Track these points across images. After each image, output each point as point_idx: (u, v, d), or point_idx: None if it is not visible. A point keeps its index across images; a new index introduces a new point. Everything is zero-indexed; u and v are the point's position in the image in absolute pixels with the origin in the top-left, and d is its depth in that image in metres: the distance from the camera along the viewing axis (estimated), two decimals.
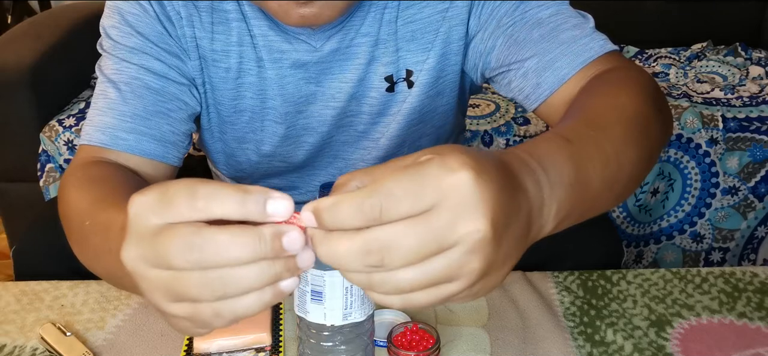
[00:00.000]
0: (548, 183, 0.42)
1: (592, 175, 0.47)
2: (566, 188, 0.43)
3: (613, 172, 0.49)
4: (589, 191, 0.47)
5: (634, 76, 0.63)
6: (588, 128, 0.51)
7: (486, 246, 0.35)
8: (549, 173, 0.42)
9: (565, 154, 0.45)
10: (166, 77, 0.73)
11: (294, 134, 0.81)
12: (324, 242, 0.36)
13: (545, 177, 0.42)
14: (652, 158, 0.58)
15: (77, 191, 0.62)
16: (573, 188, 0.44)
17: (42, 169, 1.58)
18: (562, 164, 0.44)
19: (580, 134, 0.50)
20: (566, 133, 0.49)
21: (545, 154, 0.44)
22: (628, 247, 1.63)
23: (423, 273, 0.35)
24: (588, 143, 0.49)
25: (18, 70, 1.51)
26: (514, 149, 0.43)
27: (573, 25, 0.70)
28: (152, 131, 0.72)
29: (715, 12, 2.03)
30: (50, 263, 0.81)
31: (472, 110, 1.63)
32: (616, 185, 0.50)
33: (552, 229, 0.43)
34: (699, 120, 1.52)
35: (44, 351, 0.70)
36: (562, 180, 0.43)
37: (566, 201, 0.43)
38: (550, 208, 0.42)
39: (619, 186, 0.51)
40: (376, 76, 0.78)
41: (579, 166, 0.45)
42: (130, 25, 0.72)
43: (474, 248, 0.35)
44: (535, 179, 0.41)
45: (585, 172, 0.46)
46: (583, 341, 0.70)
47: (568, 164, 0.44)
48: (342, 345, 0.55)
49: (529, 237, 0.41)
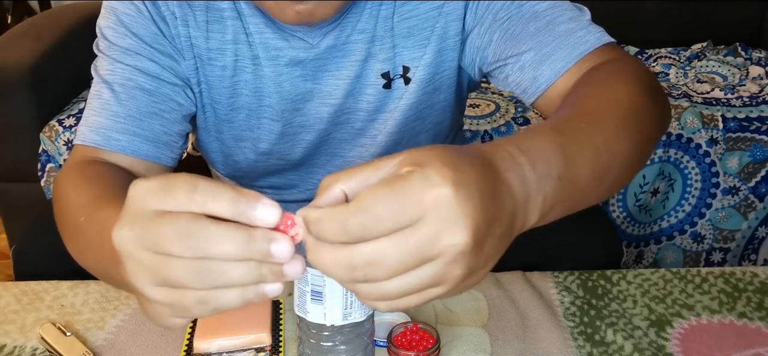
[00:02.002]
0: (535, 177, 0.42)
1: (581, 167, 0.47)
2: (554, 181, 0.44)
3: (604, 164, 0.49)
4: (578, 184, 0.47)
5: (629, 68, 0.63)
6: (580, 120, 0.51)
7: (467, 255, 0.36)
8: (536, 166, 0.43)
9: (554, 145, 0.45)
10: (160, 78, 0.74)
11: (291, 131, 0.81)
12: (313, 250, 0.38)
13: (532, 171, 0.42)
14: (646, 151, 0.58)
15: (73, 188, 0.63)
16: (561, 180, 0.44)
17: (42, 169, 1.58)
18: (551, 156, 0.44)
19: (571, 125, 0.50)
20: (557, 124, 0.49)
21: (534, 146, 0.44)
22: (628, 247, 1.63)
23: (407, 283, 0.37)
24: (579, 134, 0.49)
25: (18, 70, 1.51)
26: (503, 141, 0.43)
27: (569, 18, 0.70)
28: (145, 131, 0.72)
29: (715, 12, 2.03)
30: (50, 263, 0.81)
31: (472, 110, 1.63)
32: (606, 177, 0.50)
33: (537, 221, 0.44)
34: (699, 120, 1.52)
35: (44, 351, 0.70)
36: (550, 172, 0.44)
37: (553, 193, 0.44)
38: (535, 201, 0.42)
39: (610, 178, 0.51)
40: (373, 73, 0.78)
41: (568, 158, 0.45)
42: (125, 26, 0.73)
43: (456, 259, 0.36)
44: (521, 174, 0.42)
45: (574, 164, 0.46)
46: (583, 341, 0.70)
47: (556, 156, 0.45)
48: (342, 345, 0.55)
49: (513, 232, 0.42)
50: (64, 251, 0.62)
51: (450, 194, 0.35)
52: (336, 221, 0.36)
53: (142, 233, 0.37)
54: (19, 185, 1.63)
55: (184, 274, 0.37)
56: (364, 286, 0.37)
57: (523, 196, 0.41)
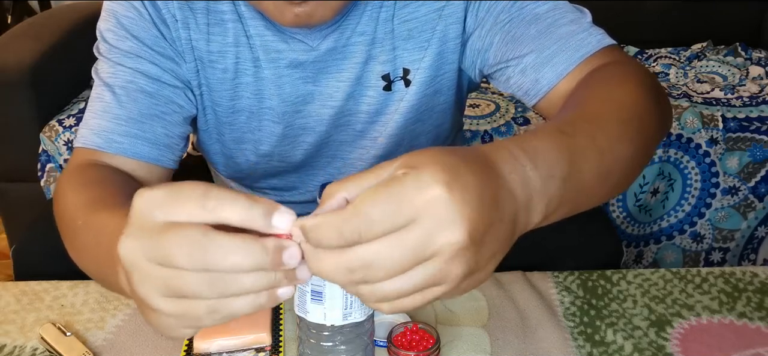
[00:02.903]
0: (538, 178, 0.42)
1: (585, 168, 0.47)
2: (557, 182, 0.44)
3: (608, 165, 0.50)
4: (582, 185, 0.47)
5: (631, 70, 0.64)
6: (583, 121, 0.51)
7: (465, 254, 0.36)
8: (539, 168, 0.43)
9: (558, 147, 0.45)
10: (161, 81, 0.74)
11: (292, 133, 0.81)
12: (312, 257, 0.38)
13: (535, 172, 0.42)
14: (649, 153, 0.58)
15: (72, 191, 0.63)
16: (565, 181, 0.44)
17: (42, 169, 1.58)
18: (555, 158, 0.44)
19: (574, 127, 0.50)
20: (560, 125, 0.49)
21: (537, 147, 0.44)
22: (628, 247, 1.63)
23: (406, 283, 0.37)
24: (583, 136, 0.49)
25: (18, 70, 1.51)
26: (505, 141, 0.43)
27: (570, 20, 0.70)
28: (146, 134, 0.72)
29: (715, 12, 2.03)
30: (50, 263, 0.81)
31: (472, 110, 1.63)
32: (609, 178, 0.50)
33: (540, 221, 0.44)
34: (699, 120, 1.52)
35: (44, 351, 0.70)
36: (553, 174, 0.44)
37: (557, 195, 0.44)
38: (538, 202, 0.42)
39: (613, 180, 0.51)
40: (373, 75, 0.78)
41: (572, 159, 0.45)
42: (125, 29, 0.73)
43: (453, 257, 0.36)
44: (523, 175, 0.42)
45: (578, 165, 0.46)
46: (583, 341, 0.70)
47: (561, 157, 0.45)
48: (342, 345, 0.55)
49: (516, 233, 0.42)
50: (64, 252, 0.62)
51: (443, 194, 0.35)
52: (332, 227, 0.36)
53: (149, 246, 0.37)
54: (19, 185, 1.63)
55: (196, 287, 0.36)
56: (364, 288, 0.37)
57: (525, 197, 0.41)
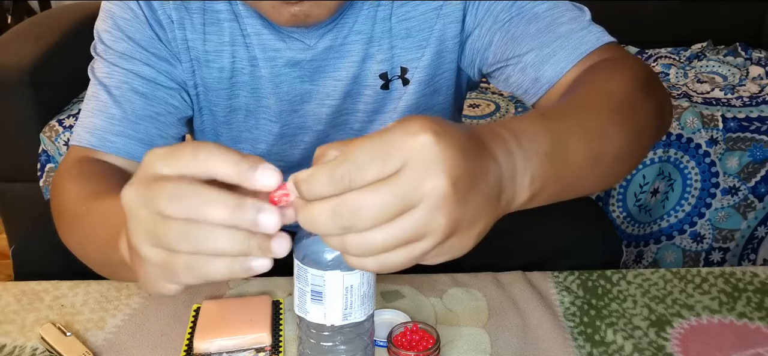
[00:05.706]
0: (521, 152, 0.44)
1: (571, 149, 0.48)
2: (541, 158, 0.45)
3: (596, 149, 0.50)
4: (569, 165, 0.48)
5: (626, 64, 0.64)
6: (568, 107, 0.53)
7: (448, 202, 0.37)
8: (522, 143, 0.44)
9: (540, 127, 0.47)
10: (155, 82, 0.74)
11: (289, 132, 0.81)
12: (303, 209, 0.39)
13: (518, 147, 0.44)
14: (642, 143, 0.58)
15: (73, 182, 0.64)
16: (549, 158, 0.45)
17: (42, 169, 1.58)
18: (537, 136, 0.45)
19: (560, 112, 0.52)
20: (545, 111, 0.50)
21: (520, 127, 0.45)
22: (628, 247, 1.63)
23: (392, 233, 0.37)
24: (568, 119, 0.50)
25: (18, 70, 1.51)
26: (490, 123, 0.45)
27: (570, 19, 0.70)
28: (140, 134, 0.73)
29: (715, 12, 2.03)
30: (50, 263, 0.81)
31: (472, 110, 1.63)
32: (600, 163, 0.51)
33: (528, 198, 0.45)
34: (699, 120, 1.52)
35: (44, 351, 0.70)
36: (537, 150, 0.45)
37: (541, 172, 0.45)
38: (523, 176, 0.44)
39: (604, 166, 0.52)
40: (371, 74, 0.78)
41: (556, 138, 0.47)
42: (121, 30, 0.74)
43: (437, 205, 0.37)
44: (507, 148, 0.43)
45: (563, 145, 0.47)
46: (583, 341, 0.70)
47: (543, 136, 0.46)
48: (342, 345, 0.55)
49: (502, 203, 0.43)
50: (64, 251, 0.62)
51: (429, 140, 0.37)
52: (323, 174, 0.37)
53: (144, 193, 0.39)
54: (19, 185, 1.63)
55: (174, 236, 0.38)
56: (350, 238, 0.38)
57: (510, 168, 0.43)
